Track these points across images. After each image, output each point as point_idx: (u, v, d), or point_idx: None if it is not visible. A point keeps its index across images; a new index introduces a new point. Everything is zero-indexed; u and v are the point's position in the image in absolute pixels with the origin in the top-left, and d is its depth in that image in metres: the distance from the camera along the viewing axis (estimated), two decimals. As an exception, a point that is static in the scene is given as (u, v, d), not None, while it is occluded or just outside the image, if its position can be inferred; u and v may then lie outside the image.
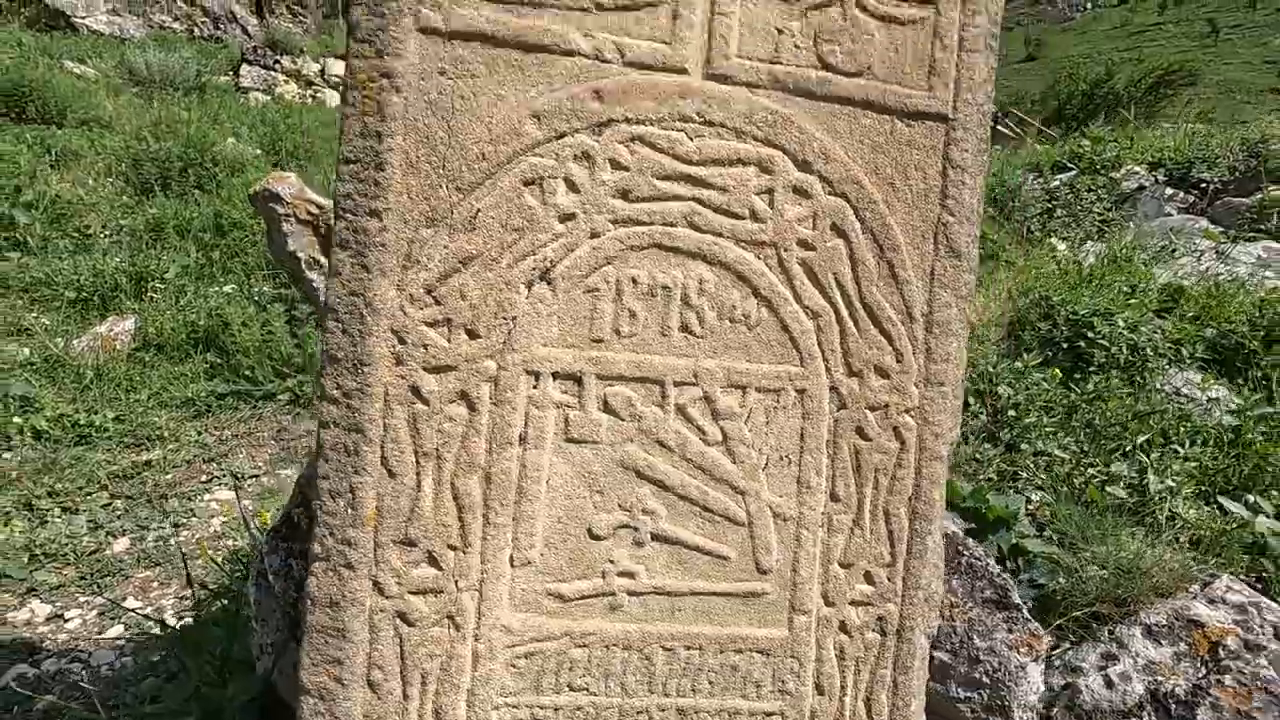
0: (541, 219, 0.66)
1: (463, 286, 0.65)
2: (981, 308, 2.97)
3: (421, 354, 0.64)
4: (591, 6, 0.65)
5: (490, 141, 0.65)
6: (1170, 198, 4.18)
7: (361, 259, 0.63)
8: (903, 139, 0.72)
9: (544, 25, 0.65)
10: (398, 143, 0.63)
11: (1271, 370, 2.27)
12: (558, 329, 0.68)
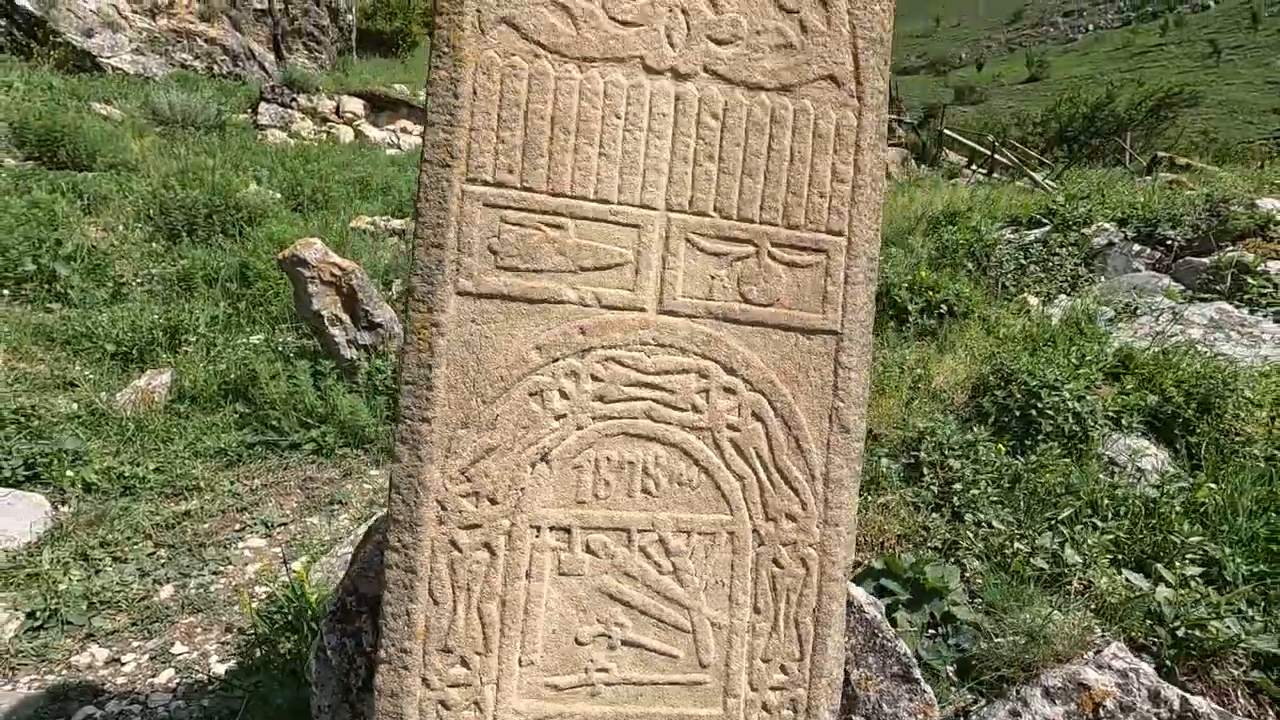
0: (542, 419, 0.94)
1: (486, 469, 0.92)
2: (949, 370, 3.23)
3: (458, 517, 0.91)
4: (576, 269, 0.93)
5: (506, 367, 0.92)
6: (1138, 254, 4.43)
7: (416, 452, 0.90)
8: (804, 349, 0.99)
9: (543, 285, 0.93)
10: (441, 370, 0.90)
11: (1203, 438, 2.51)
12: (553, 494, 0.95)
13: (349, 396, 3.88)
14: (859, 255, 1.00)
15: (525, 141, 0.92)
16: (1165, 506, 2.02)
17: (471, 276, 0.91)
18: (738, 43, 0.96)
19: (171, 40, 15.15)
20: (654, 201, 0.96)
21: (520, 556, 0.94)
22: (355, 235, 6.06)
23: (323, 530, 3.23)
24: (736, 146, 0.97)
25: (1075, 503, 2.10)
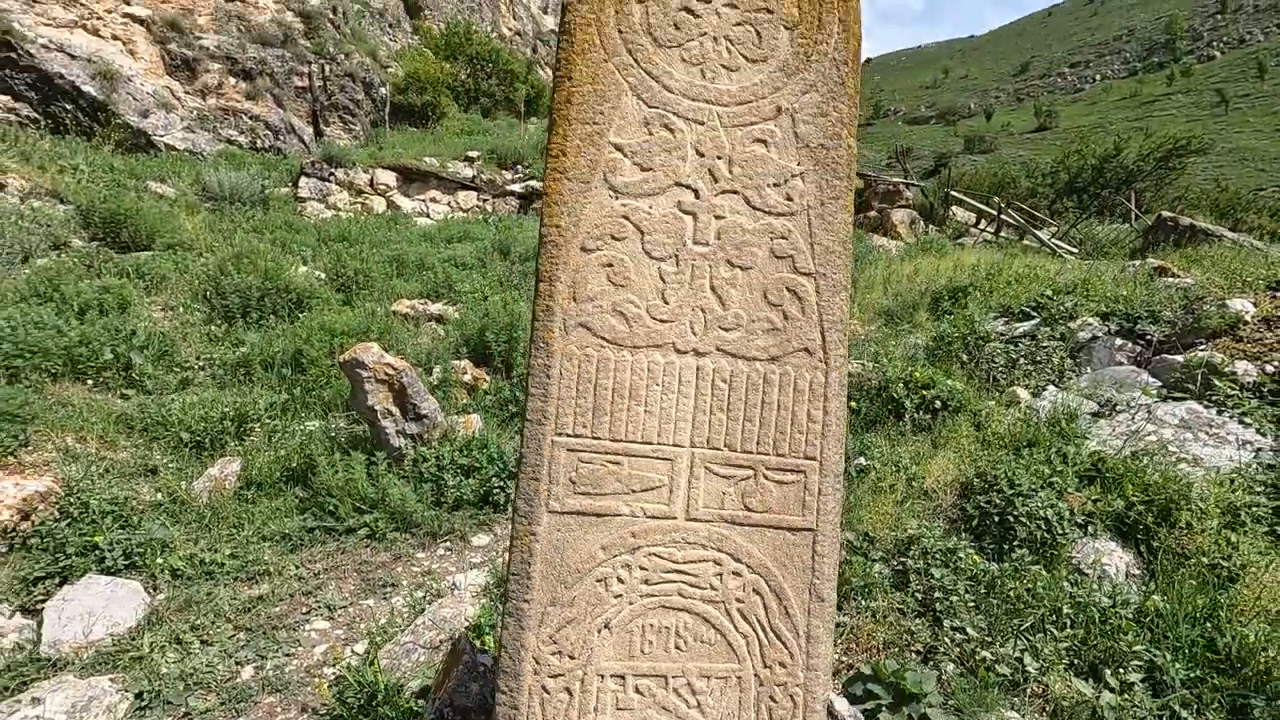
0: (605, 598, 1.33)
1: (567, 634, 1.31)
2: (940, 469, 3.58)
3: (547, 669, 1.30)
4: (629, 491, 1.34)
5: (580, 562, 1.32)
6: (1120, 347, 4.78)
7: (520, 624, 1.30)
8: (790, 541, 1.38)
9: (606, 503, 1.34)
10: (537, 566, 1.30)
11: (1161, 545, 2.84)
12: (612, 651, 1.33)
13: (399, 484, 4.30)
14: (828, 474, 1.40)
15: (594, 405, 1.35)
16: (1115, 616, 2.35)
17: (558, 499, 1.33)
18: (739, 329, 1.39)
19: (219, 117, 16.22)
20: (682, 441, 1.38)
21: (590, 697, 1.32)
22: (397, 320, 6.58)
23: (378, 612, 3.60)
24: (739, 401, 1.39)
25: (1040, 609, 2.43)
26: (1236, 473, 3.30)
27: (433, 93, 19.16)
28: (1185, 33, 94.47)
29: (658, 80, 1.40)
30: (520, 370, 5.76)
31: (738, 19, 1.43)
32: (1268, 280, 4.93)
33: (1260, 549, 2.69)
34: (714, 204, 1.40)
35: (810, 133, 1.42)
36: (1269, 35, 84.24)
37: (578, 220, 1.36)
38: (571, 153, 1.36)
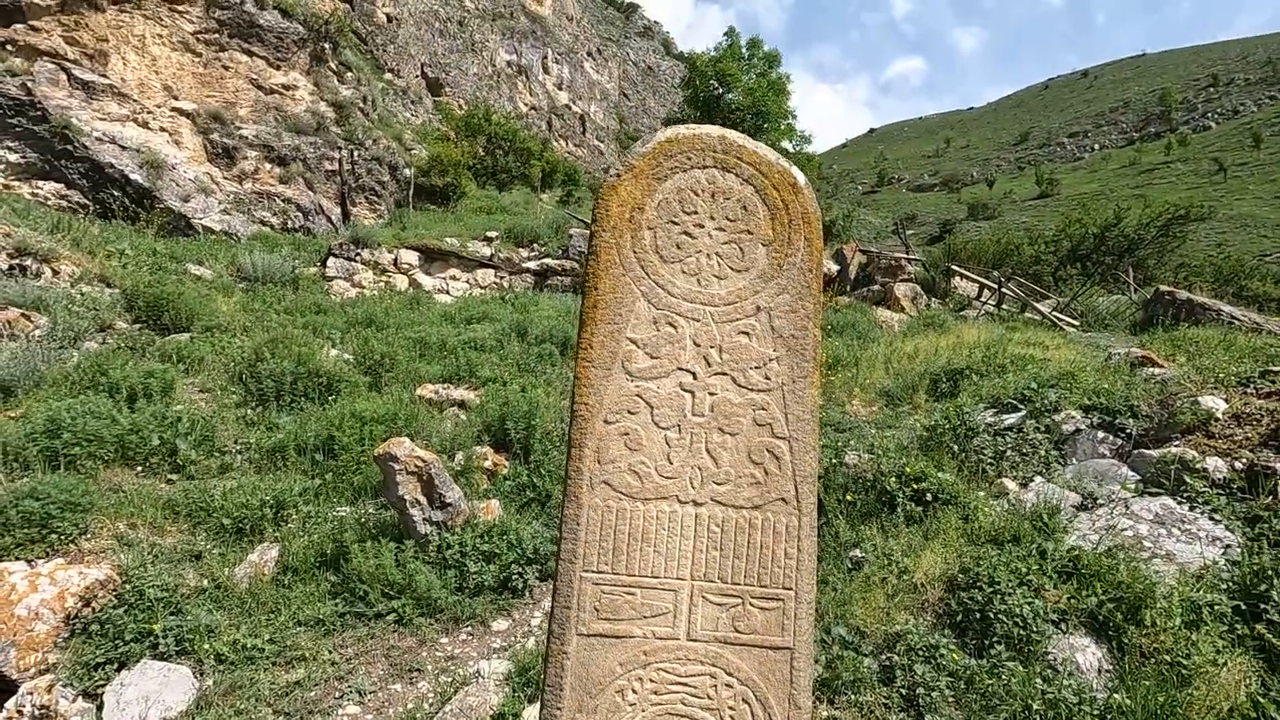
0: (622, 706, 1.64)
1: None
2: (929, 564, 3.85)
3: None
4: (641, 617, 1.68)
5: (602, 675, 1.64)
6: (1102, 440, 5.08)
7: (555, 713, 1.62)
8: (772, 658, 1.70)
9: (624, 627, 1.67)
10: (568, 680, 1.62)
11: (1130, 642, 3.08)
12: None
13: (425, 570, 4.59)
14: (802, 601, 1.73)
15: (614, 546, 1.70)
16: (1081, 713, 2.60)
17: (584, 624, 1.66)
18: (729, 483, 1.76)
19: (254, 200, 17.21)
20: (684, 575, 1.72)
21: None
22: (422, 406, 7.00)
23: (405, 697, 3.86)
24: (730, 542, 1.74)
25: (1014, 705, 2.69)
26: (1204, 570, 3.56)
27: (454, 174, 20.24)
28: (1179, 104, 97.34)
29: (663, 288, 1.81)
30: (536, 455, 6.11)
31: (726, 239, 1.85)
32: (1239, 376, 5.25)
33: (1218, 648, 2.93)
34: (708, 383, 1.79)
35: (783, 325, 1.82)
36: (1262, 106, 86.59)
37: (601, 399, 1.75)
38: (597, 346, 1.76)
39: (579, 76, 50.06)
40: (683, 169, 1.85)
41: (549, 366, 8.68)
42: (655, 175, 1.84)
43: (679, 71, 54.04)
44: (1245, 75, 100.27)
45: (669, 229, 1.83)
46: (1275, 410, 4.69)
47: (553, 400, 6.95)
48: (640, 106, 62.17)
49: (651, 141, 1.86)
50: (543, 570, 4.85)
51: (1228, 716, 2.56)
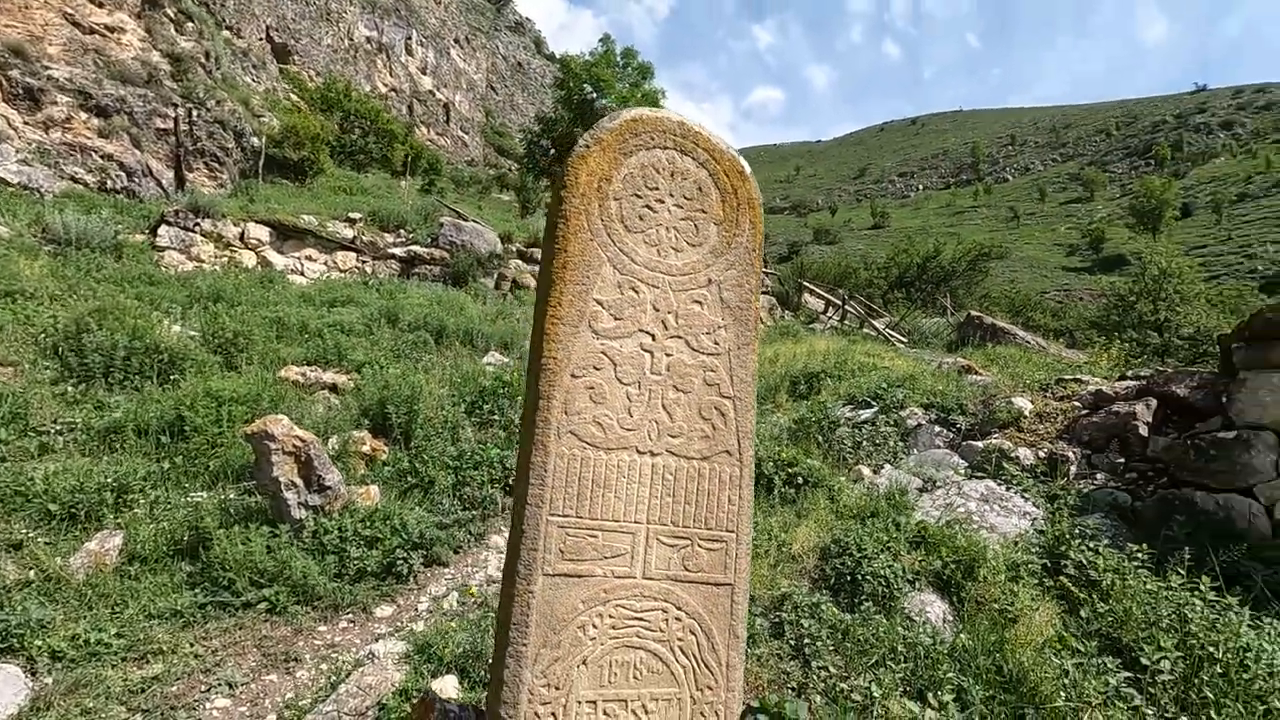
0: (584, 640, 1.74)
1: (554, 670, 1.70)
2: (804, 537, 4.26)
3: (539, 697, 1.67)
4: (602, 557, 1.78)
5: (566, 612, 1.73)
6: (938, 433, 5.86)
7: (519, 663, 1.67)
8: (716, 593, 1.88)
9: (586, 567, 1.77)
10: (534, 617, 1.70)
11: (967, 595, 3.64)
12: (588, 682, 1.74)
13: (301, 557, 4.33)
14: (742, 542, 1.94)
15: (578, 492, 1.80)
16: (934, 652, 3.05)
17: (550, 565, 1.75)
18: (682, 436, 1.92)
19: (63, 153, 14.96)
20: (640, 519, 1.86)
21: (570, 718, 1.72)
22: (288, 387, 6.51)
23: (283, 687, 3.63)
24: (681, 489, 1.90)
25: (881, 649, 3.09)
26: (1020, 537, 4.26)
27: (312, 149, 18.81)
28: (986, 158, 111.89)
29: (627, 255, 1.95)
30: (418, 441, 5.93)
31: (683, 215, 2.02)
32: (1040, 383, 6.28)
33: (1032, 596, 3.55)
34: (665, 345, 1.95)
35: (731, 297, 2.03)
36: (1048, 166, 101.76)
37: (569, 354, 1.85)
38: (566, 305, 1.86)
39: (445, 63, 48.27)
40: (646, 147, 2.00)
41: (424, 354, 8.40)
42: (622, 150, 1.97)
43: (550, 71, 53.81)
44: (1036, 138, 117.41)
45: (633, 201, 1.97)
46: (1066, 410, 5.68)
47: (433, 388, 6.76)
48: (508, 101, 61.13)
49: (619, 118, 2.00)
50: (429, 556, 4.75)
51: (1041, 647, 3.12)
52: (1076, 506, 4.52)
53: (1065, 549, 3.92)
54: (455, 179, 36.52)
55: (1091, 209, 73.59)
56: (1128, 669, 3.02)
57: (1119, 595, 3.45)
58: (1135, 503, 4.60)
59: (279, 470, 4.44)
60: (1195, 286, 30.15)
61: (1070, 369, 7.49)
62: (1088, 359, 10.73)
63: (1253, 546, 3.90)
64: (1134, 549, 3.79)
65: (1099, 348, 15.38)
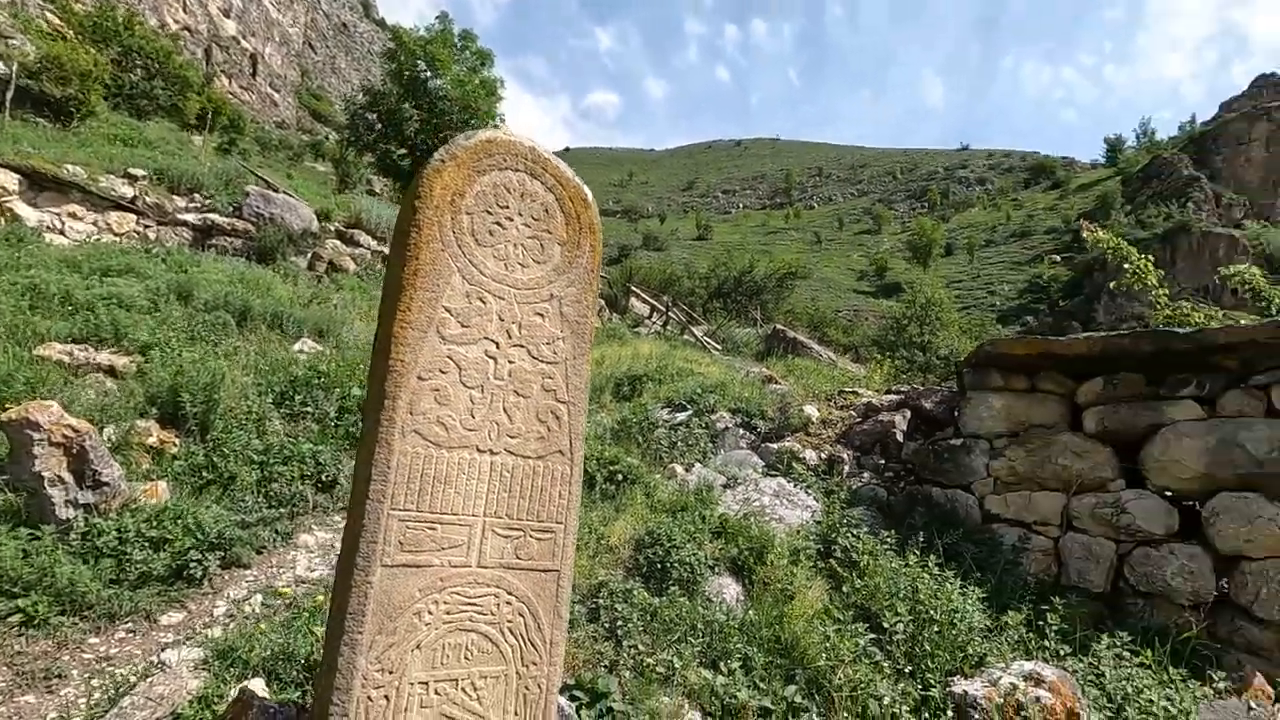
0: (419, 626, 1.86)
1: (389, 655, 1.79)
2: (621, 529, 4.60)
3: (372, 681, 1.76)
4: (440, 549, 1.91)
5: (402, 601, 1.83)
6: (742, 435, 6.54)
7: (354, 650, 1.74)
8: (545, 579, 2.09)
9: (425, 558, 1.88)
10: (371, 606, 1.78)
11: (756, 578, 4.18)
12: (421, 664, 1.85)
13: (67, 561, 3.85)
14: (569, 533, 2.17)
15: (420, 488, 1.91)
16: (727, 627, 3.51)
17: (389, 556, 1.84)
18: (520, 436, 2.11)
19: None
20: (478, 513, 2.01)
21: (402, 700, 1.82)
22: (51, 368, 5.61)
23: (43, 707, 3.25)
24: (517, 485, 2.09)
25: (684, 627, 3.49)
26: (802, 527, 4.95)
27: (81, 86, 16.04)
28: (798, 185, 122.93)
29: (476, 267, 2.09)
30: (216, 433, 5.44)
31: (530, 234, 2.21)
32: (826, 393, 7.25)
33: (808, 576, 4.18)
34: (509, 353, 2.12)
35: (570, 312, 2.25)
36: (846, 199, 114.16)
37: (417, 357, 1.95)
38: (416, 310, 1.96)
39: (254, 9, 43.43)
40: (499, 168, 2.16)
41: (224, 337, 7.64)
42: (476, 168, 2.11)
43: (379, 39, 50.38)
44: (839, 173, 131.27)
45: (484, 217, 2.12)
46: (845, 418, 6.63)
47: (237, 375, 6.21)
48: (329, 64, 56.33)
49: (475, 138, 2.13)
50: (227, 557, 4.44)
51: (811, 618, 3.71)
52: (846, 500, 5.34)
53: (835, 536, 4.64)
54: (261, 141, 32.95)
55: (879, 241, 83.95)
56: (874, 631, 3.69)
57: (872, 573, 4.18)
58: (890, 497, 5.53)
59: (43, 464, 3.90)
60: (951, 315, 35.72)
61: (851, 382, 8.69)
62: (866, 373, 12.42)
63: (967, 531, 4.91)
64: (885, 535, 4.59)
65: (875, 363, 17.75)
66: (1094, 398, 4.84)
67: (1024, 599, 4.20)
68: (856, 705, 3.16)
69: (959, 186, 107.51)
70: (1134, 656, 3.62)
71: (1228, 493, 4.22)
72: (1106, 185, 70.73)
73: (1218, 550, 4.22)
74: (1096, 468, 4.71)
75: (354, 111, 27.58)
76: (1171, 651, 3.81)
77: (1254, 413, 4.25)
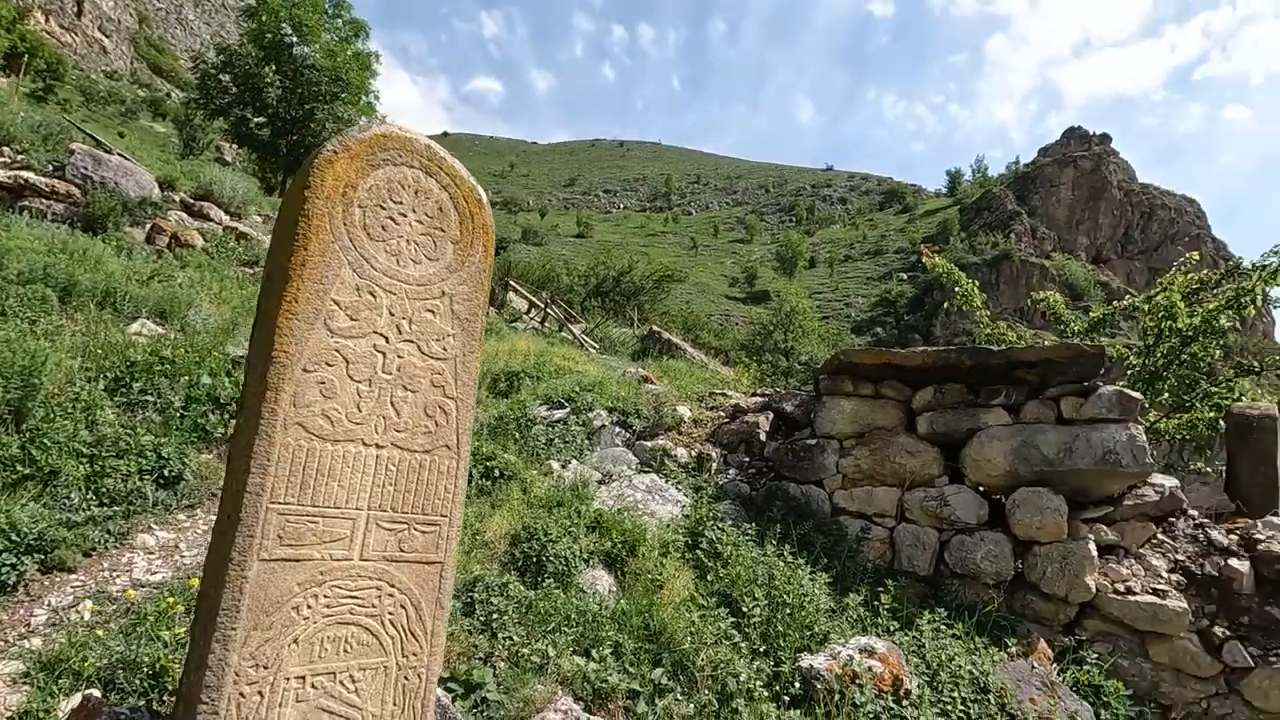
0: (296, 620, 1.83)
1: (264, 650, 1.76)
2: (497, 525, 4.63)
3: (245, 678, 1.72)
4: (322, 542, 1.90)
5: (280, 595, 1.81)
6: (617, 433, 6.74)
7: (225, 647, 1.69)
8: (428, 571, 2.13)
9: (305, 551, 1.86)
10: (245, 602, 1.74)
11: (628, 569, 4.37)
12: (298, 658, 1.83)
13: None
14: (454, 526, 2.21)
15: (302, 481, 1.89)
16: (600, 617, 3.67)
17: (267, 550, 1.80)
18: (407, 431, 2.13)
19: None
20: (362, 506, 2.02)
21: (277, 695, 1.79)
22: None
23: None
24: (403, 478, 2.11)
25: (558, 618, 3.60)
26: (672, 520, 5.21)
27: None
28: (677, 190, 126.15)
29: (367, 261, 2.09)
30: (34, 423, 4.85)
31: (423, 231, 2.23)
32: (698, 394, 7.62)
33: (676, 566, 4.43)
34: (398, 348, 2.14)
35: (461, 310, 2.30)
36: (722, 207, 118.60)
37: (302, 349, 1.93)
38: (303, 301, 1.94)
39: (87, -57, 38.52)
40: (394, 163, 2.17)
41: (44, 314, 6.76)
42: (370, 162, 2.11)
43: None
44: (716, 182, 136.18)
45: (377, 211, 2.12)
46: (715, 418, 7.02)
47: (62, 358, 5.55)
48: (175, 14, 50.89)
49: (369, 131, 2.13)
50: (48, 560, 4.01)
51: (678, 605, 3.95)
52: (713, 495, 5.68)
53: (702, 529, 4.94)
54: (87, 91, 29.14)
55: (750, 250, 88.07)
56: (734, 616, 4.00)
57: (734, 562, 4.51)
58: (753, 492, 5.94)
59: None
60: (813, 323, 38.29)
61: (721, 384, 9.17)
62: (735, 376, 13.11)
63: (818, 523, 5.40)
64: (747, 528, 4.96)
65: (743, 367, 18.69)
66: (926, 404, 5.49)
67: (863, 582, 4.70)
68: (716, 683, 3.43)
69: (823, 204, 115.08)
70: (949, 629, 4.18)
71: (1025, 487, 4.96)
72: (947, 213, 78.69)
73: (1016, 536, 4.95)
74: (926, 466, 5.35)
75: (205, 71, 25.09)
76: (978, 623, 4.43)
77: (1048, 420, 5.03)
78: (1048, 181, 67.48)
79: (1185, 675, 4.40)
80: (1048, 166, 69.78)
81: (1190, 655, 4.38)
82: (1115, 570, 4.75)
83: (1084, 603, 4.66)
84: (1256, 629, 4.38)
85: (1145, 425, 7.82)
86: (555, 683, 3.14)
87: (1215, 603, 4.50)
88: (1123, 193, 66.52)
